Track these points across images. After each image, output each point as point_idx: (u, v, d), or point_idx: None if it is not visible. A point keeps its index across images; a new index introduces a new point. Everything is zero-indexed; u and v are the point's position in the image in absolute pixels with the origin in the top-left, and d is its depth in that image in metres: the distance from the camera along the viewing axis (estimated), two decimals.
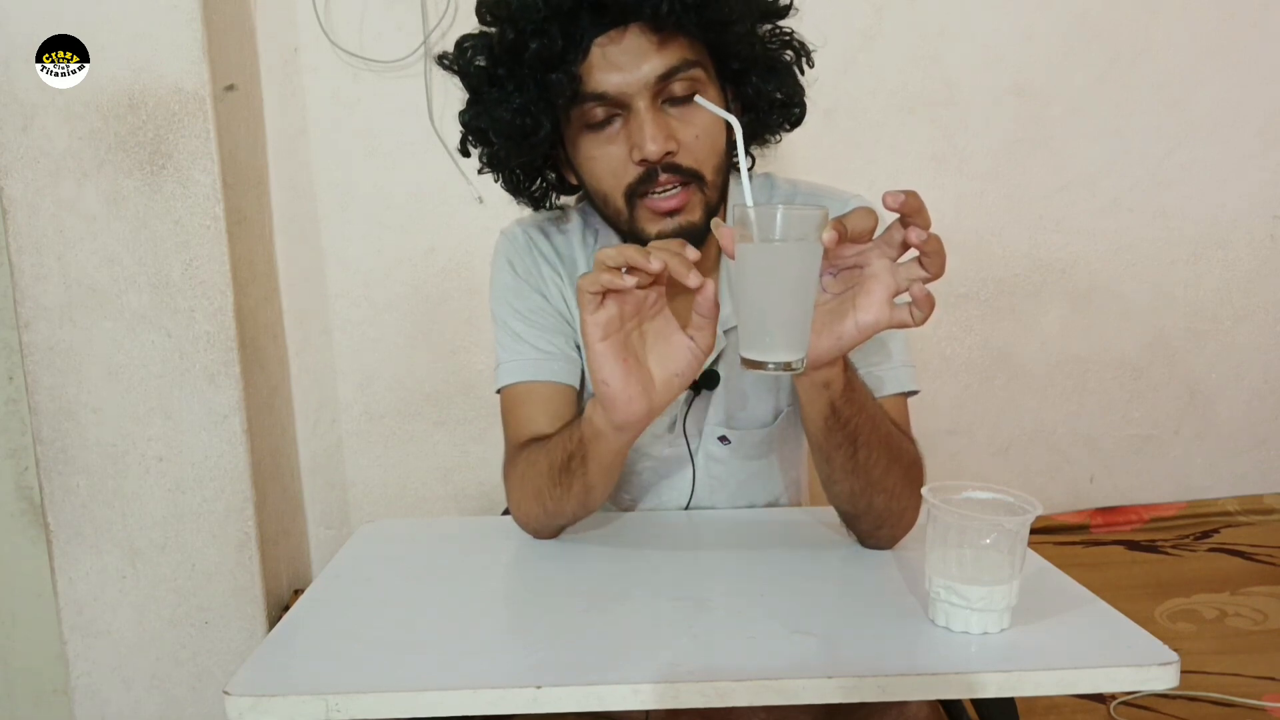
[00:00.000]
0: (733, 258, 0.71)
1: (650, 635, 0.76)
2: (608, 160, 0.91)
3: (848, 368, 0.81)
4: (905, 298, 0.73)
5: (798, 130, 1.03)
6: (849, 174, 1.74)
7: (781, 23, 0.97)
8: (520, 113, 0.89)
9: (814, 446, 0.87)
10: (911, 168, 1.76)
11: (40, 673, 1.72)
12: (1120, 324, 1.84)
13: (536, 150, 0.93)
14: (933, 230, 0.71)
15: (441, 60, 0.96)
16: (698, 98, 0.86)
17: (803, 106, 1.00)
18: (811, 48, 0.99)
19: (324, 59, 1.66)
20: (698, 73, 0.89)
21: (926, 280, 0.73)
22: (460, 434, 1.80)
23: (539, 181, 1.02)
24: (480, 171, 1.01)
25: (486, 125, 0.93)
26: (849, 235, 0.71)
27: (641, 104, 0.87)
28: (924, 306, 0.73)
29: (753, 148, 1.04)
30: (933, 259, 0.71)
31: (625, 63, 0.87)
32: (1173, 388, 1.87)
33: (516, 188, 1.02)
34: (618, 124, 0.90)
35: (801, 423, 0.86)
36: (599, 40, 0.87)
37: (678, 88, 0.88)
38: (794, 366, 0.71)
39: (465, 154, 1.00)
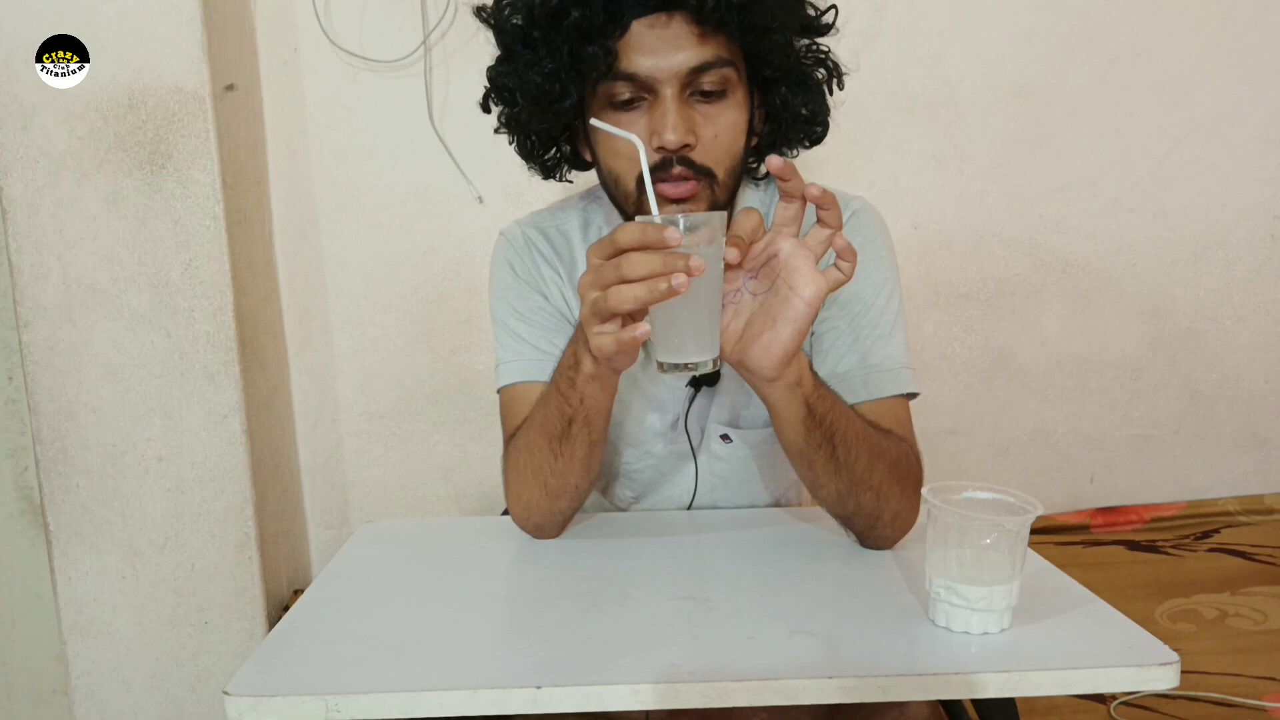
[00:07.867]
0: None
1: (650, 635, 0.76)
2: (626, 142, 0.91)
3: (810, 364, 0.83)
4: (828, 259, 0.76)
5: None
6: (849, 174, 1.74)
7: (820, 41, 0.97)
8: (551, 78, 0.89)
9: (795, 454, 0.87)
10: (911, 168, 1.76)
11: (40, 673, 1.72)
12: (1120, 324, 1.84)
13: (559, 118, 0.93)
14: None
15: (479, 13, 0.95)
16: (594, 120, 0.87)
17: (826, 126, 1.00)
18: (845, 71, 0.99)
19: (324, 59, 1.66)
20: (730, 72, 0.89)
21: (832, 235, 0.76)
22: (460, 434, 1.80)
23: (553, 151, 1.02)
24: (496, 131, 1.00)
25: (514, 85, 0.92)
26: (748, 239, 0.75)
27: (669, 92, 0.87)
28: (847, 256, 0.76)
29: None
30: (830, 213, 0.75)
31: (662, 48, 0.87)
32: (1173, 388, 1.87)
33: (530, 153, 1.01)
34: (642, 107, 0.89)
35: (779, 433, 0.86)
36: (640, 22, 0.87)
37: (708, 83, 0.88)
38: (704, 366, 0.75)
39: (486, 110, 0.99)
